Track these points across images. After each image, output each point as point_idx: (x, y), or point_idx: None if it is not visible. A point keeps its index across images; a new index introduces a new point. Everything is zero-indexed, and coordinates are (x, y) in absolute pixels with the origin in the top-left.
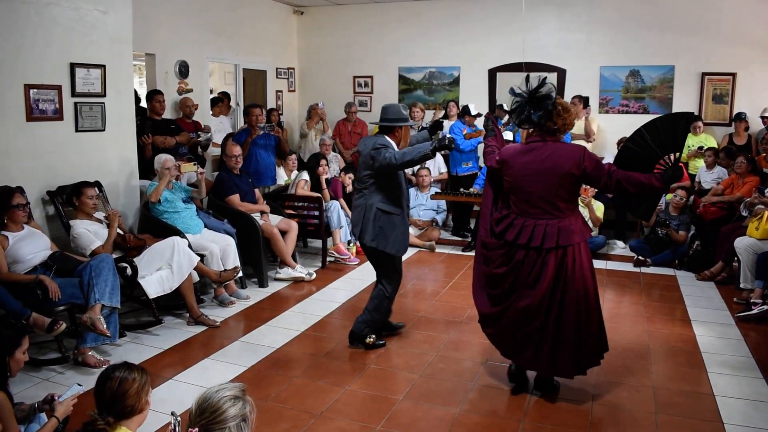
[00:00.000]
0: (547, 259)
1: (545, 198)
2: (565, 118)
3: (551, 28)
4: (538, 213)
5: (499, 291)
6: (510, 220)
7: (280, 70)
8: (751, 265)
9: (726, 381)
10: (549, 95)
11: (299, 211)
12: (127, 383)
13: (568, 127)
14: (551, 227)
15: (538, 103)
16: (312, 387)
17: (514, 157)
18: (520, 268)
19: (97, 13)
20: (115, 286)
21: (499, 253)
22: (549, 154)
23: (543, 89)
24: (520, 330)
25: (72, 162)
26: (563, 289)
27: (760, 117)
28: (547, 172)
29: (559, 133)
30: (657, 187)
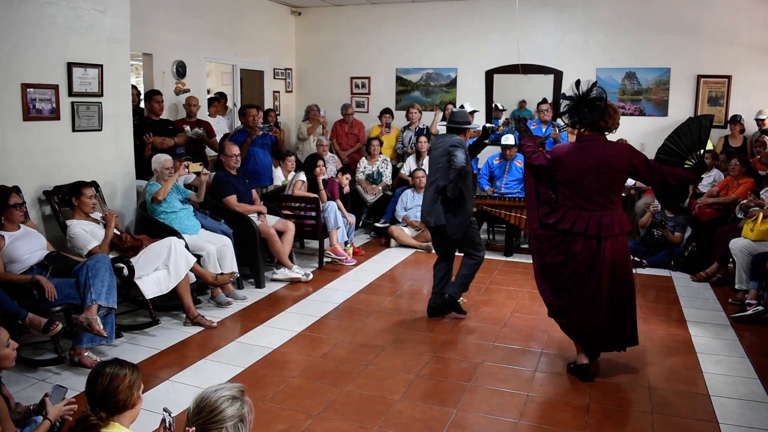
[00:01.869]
0: (605, 247)
1: (600, 192)
2: (614, 118)
3: (548, 30)
4: (592, 206)
5: (561, 282)
6: (563, 212)
7: (278, 70)
8: (746, 266)
9: (721, 381)
10: (601, 97)
11: (296, 212)
12: (118, 378)
13: (616, 125)
14: (605, 218)
15: (591, 104)
16: (309, 387)
17: (568, 155)
18: (579, 257)
19: (95, 12)
20: (111, 286)
21: (554, 243)
22: (602, 151)
23: (594, 91)
24: (593, 321)
25: (69, 162)
26: (619, 273)
27: (755, 119)
28: (602, 168)
29: (608, 132)
30: (692, 179)
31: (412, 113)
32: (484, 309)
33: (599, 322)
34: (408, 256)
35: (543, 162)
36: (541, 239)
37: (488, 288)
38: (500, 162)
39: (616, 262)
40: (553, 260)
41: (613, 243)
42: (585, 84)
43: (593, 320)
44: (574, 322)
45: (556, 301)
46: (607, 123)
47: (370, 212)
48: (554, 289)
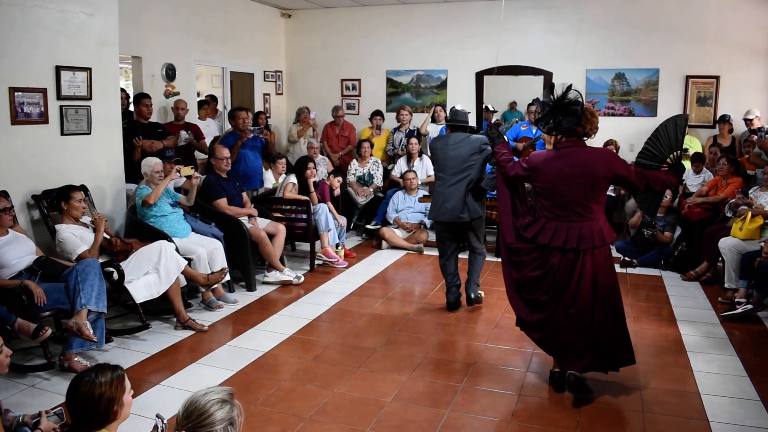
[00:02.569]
0: (584, 260)
1: (579, 202)
2: (592, 122)
3: (538, 31)
4: (571, 215)
5: (536, 295)
6: (541, 225)
7: (268, 73)
8: (735, 265)
9: (712, 380)
10: (577, 101)
11: (287, 215)
12: (97, 388)
13: (594, 130)
14: (585, 229)
15: (566, 109)
16: (300, 390)
17: (546, 163)
18: (557, 271)
19: (83, 15)
20: (101, 290)
21: (532, 257)
22: (582, 158)
23: (570, 95)
24: (571, 336)
25: (57, 166)
26: (600, 287)
27: (743, 119)
28: (581, 176)
29: (586, 137)
30: (674, 183)
31: (403, 115)
32: (476, 310)
33: (580, 339)
34: (399, 258)
35: (519, 172)
36: (518, 253)
37: (480, 288)
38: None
39: (597, 275)
40: (531, 275)
41: (594, 255)
42: (560, 88)
43: (572, 337)
44: (549, 338)
45: (531, 317)
46: (585, 128)
47: (361, 214)
48: (530, 303)
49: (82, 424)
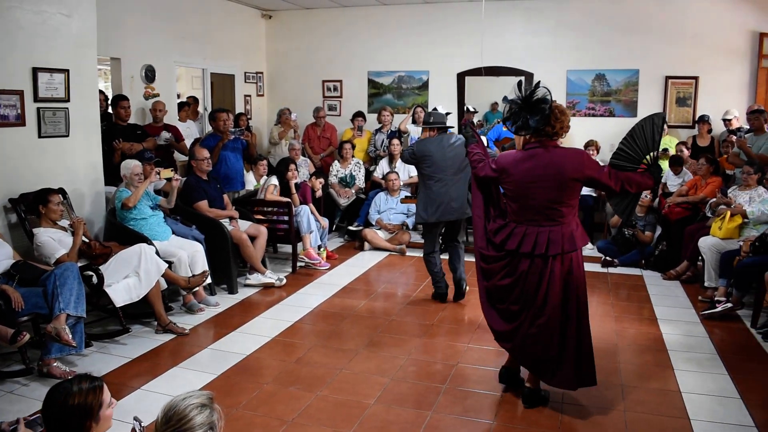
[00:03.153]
0: (553, 266)
1: (548, 205)
2: (562, 121)
3: (518, 33)
4: (541, 219)
5: (506, 305)
6: (510, 229)
7: (249, 74)
8: (715, 264)
9: (692, 378)
10: (545, 99)
11: (269, 217)
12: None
13: (565, 130)
14: (555, 233)
15: (534, 107)
16: (283, 393)
17: (515, 164)
18: (526, 278)
19: (60, 16)
20: (80, 294)
21: (500, 265)
22: (551, 159)
23: (538, 93)
24: (542, 347)
25: (35, 169)
26: (568, 296)
27: (722, 119)
28: (551, 178)
29: (556, 137)
30: (650, 185)
31: (384, 116)
32: (458, 310)
33: (549, 349)
34: (382, 259)
35: (488, 173)
36: (488, 260)
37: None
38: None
39: (569, 282)
40: (501, 283)
41: (563, 261)
42: (530, 84)
43: (542, 347)
44: (519, 347)
45: (503, 326)
46: (554, 128)
47: (344, 216)
48: (501, 313)
49: None
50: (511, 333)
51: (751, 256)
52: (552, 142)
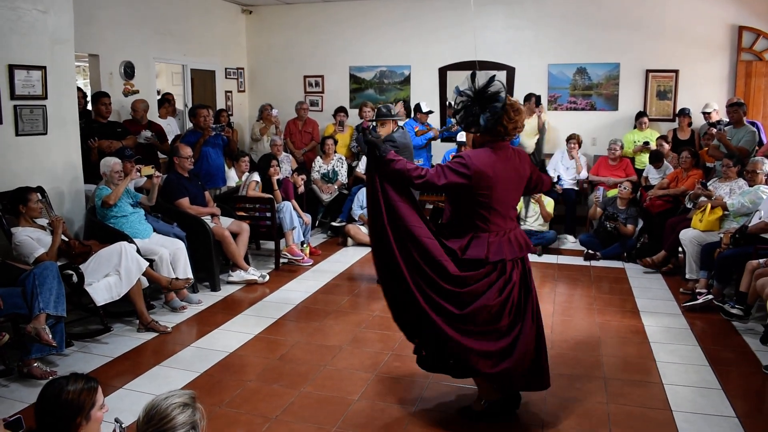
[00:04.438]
0: (513, 270)
1: (514, 205)
2: (516, 121)
3: (499, 27)
4: (505, 222)
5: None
6: (484, 240)
7: (230, 70)
8: (695, 256)
9: (674, 370)
10: (498, 95)
11: (251, 213)
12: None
13: (518, 130)
14: (520, 234)
15: (486, 104)
16: (266, 391)
17: (492, 165)
18: (514, 286)
19: (36, 12)
20: (60, 294)
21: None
22: (515, 158)
23: (492, 88)
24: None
25: (12, 167)
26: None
27: (702, 112)
28: (518, 177)
29: (508, 138)
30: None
31: (366, 111)
32: None
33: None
34: (365, 255)
35: (455, 179)
36: (464, 283)
37: None
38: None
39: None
40: (493, 302)
41: (518, 265)
42: (484, 76)
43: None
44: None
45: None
46: (507, 128)
47: (326, 211)
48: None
49: (45, 430)
50: (509, 349)
51: (732, 248)
52: (504, 142)
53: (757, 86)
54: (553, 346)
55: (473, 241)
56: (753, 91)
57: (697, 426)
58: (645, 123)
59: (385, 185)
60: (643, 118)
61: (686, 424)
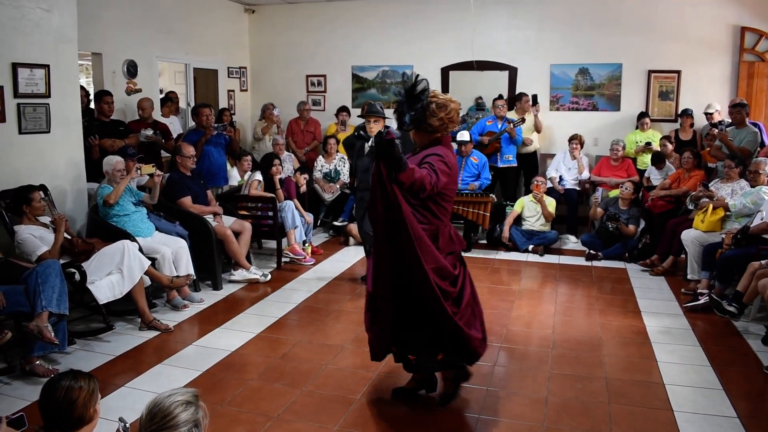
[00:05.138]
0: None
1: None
2: (442, 118)
3: (501, 27)
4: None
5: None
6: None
7: (232, 69)
8: (697, 256)
9: (676, 370)
10: (423, 93)
11: (253, 212)
12: (74, 393)
13: (448, 124)
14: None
15: (412, 102)
16: (268, 389)
17: (454, 162)
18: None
19: (40, 11)
20: (62, 292)
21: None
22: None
23: (418, 87)
24: None
25: (15, 165)
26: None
27: (704, 113)
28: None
29: (437, 133)
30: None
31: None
32: None
33: None
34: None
35: (444, 179)
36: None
37: None
38: (456, 158)
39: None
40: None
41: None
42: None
43: None
44: None
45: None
46: (433, 124)
47: (328, 211)
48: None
49: (55, 427)
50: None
51: (733, 248)
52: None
53: (760, 87)
54: (555, 345)
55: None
56: (755, 91)
57: (698, 426)
58: (647, 123)
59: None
60: (645, 119)
61: (687, 424)
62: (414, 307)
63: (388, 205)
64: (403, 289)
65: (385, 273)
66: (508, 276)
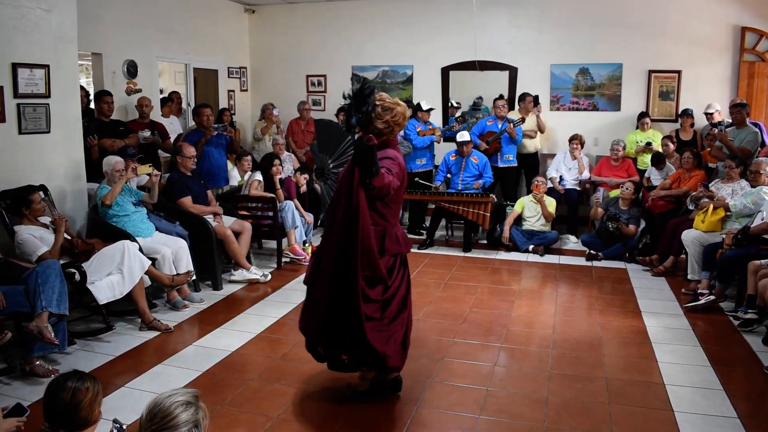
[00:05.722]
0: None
1: None
2: (387, 121)
3: (502, 27)
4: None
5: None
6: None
7: (232, 69)
8: (698, 256)
9: (676, 370)
10: (367, 98)
11: (253, 212)
12: (81, 394)
13: (394, 127)
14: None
15: (359, 105)
16: (268, 390)
17: (402, 162)
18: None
19: (40, 11)
20: (62, 292)
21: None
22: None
23: (365, 90)
24: None
25: (15, 166)
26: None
27: (704, 113)
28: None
29: (383, 136)
30: None
31: None
32: (444, 305)
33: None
34: None
35: (396, 179)
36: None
37: (447, 284)
38: (456, 158)
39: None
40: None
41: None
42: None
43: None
44: None
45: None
46: (378, 127)
47: None
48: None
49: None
50: None
51: (734, 248)
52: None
53: (760, 87)
54: (555, 345)
55: (386, 238)
56: (756, 91)
57: (699, 426)
58: (647, 123)
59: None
60: (646, 119)
61: (687, 424)
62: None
63: (351, 210)
64: (337, 291)
65: (323, 273)
66: (508, 276)
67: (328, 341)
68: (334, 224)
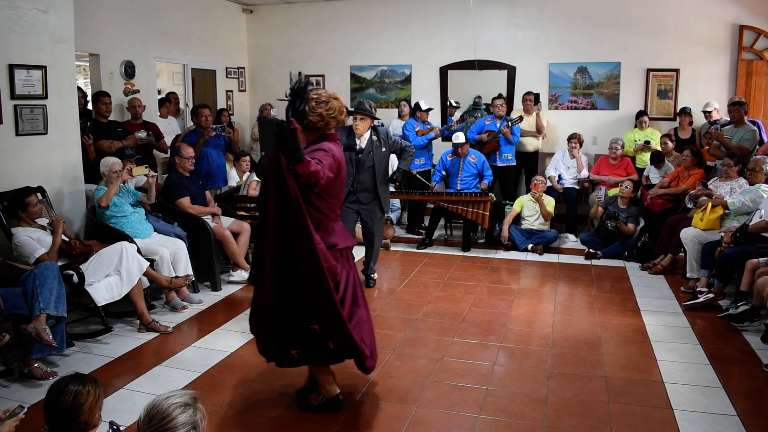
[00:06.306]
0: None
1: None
2: (321, 114)
3: (501, 26)
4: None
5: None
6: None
7: (230, 69)
8: (696, 255)
9: (675, 368)
10: (302, 92)
11: (251, 213)
12: (82, 397)
13: (329, 120)
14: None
15: (296, 99)
16: (268, 391)
17: (341, 157)
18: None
19: (36, 12)
20: (60, 294)
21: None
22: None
23: (302, 84)
24: None
25: (13, 167)
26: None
27: (702, 111)
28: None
29: (319, 129)
30: None
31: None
32: (443, 304)
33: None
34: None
35: (330, 172)
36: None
37: (446, 283)
38: (453, 159)
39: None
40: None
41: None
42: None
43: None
44: None
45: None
46: (312, 121)
47: None
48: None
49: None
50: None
51: (732, 246)
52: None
53: (758, 85)
54: (554, 344)
55: (329, 226)
56: (754, 90)
57: (698, 424)
58: (646, 122)
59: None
60: (644, 117)
61: (687, 422)
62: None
63: (282, 195)
64: (287, 280)
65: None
66: (507, 275)
67: (279, 338)
68: (267, 219)
